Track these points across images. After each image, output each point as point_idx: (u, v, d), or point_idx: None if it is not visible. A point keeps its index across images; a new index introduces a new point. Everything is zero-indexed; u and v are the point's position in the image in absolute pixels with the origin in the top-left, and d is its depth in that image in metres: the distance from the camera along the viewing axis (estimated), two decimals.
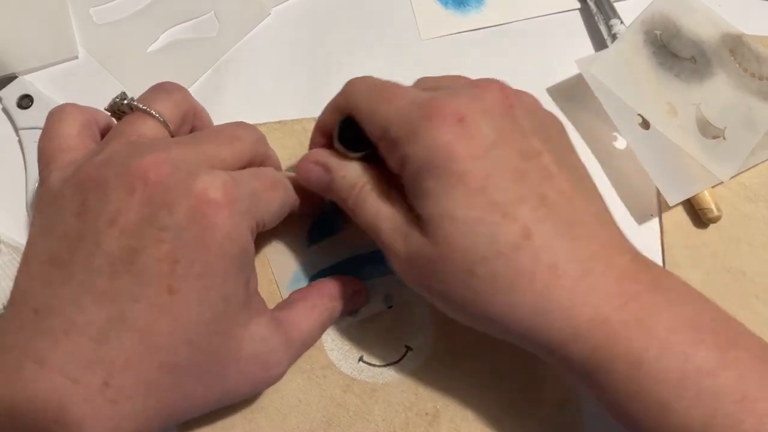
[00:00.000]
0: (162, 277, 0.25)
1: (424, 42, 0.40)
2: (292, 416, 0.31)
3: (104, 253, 0.25)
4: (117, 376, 0.24)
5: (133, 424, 0.25)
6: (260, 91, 0.39)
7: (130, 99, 0.29)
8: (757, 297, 0.34)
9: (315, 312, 0.31)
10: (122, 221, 0.25)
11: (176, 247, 0.25)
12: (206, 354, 0.26)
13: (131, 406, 0.25)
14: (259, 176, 0.29)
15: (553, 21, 0.41)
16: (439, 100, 0.26)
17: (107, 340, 0.24)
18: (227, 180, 0.26)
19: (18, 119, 0.37)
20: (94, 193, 0.26)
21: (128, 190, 0.25)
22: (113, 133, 0.28)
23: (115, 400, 0.24)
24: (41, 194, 0.28)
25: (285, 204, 0.30)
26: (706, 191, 0.35)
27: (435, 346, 0.33)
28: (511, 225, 0.25)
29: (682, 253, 0.35)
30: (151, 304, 0.25)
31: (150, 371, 0.25)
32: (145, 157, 0.26)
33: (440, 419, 0.31)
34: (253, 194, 0.27)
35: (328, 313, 0.31)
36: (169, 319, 0.25)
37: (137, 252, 0.25)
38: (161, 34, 0.40)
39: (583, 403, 0.32)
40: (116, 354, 0.24)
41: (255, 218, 0.27)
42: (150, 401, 0.25)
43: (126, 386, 0.24)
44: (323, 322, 0.31)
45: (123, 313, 0.25)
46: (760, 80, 0.38)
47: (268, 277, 0.34)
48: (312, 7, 0.41)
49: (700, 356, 0.24)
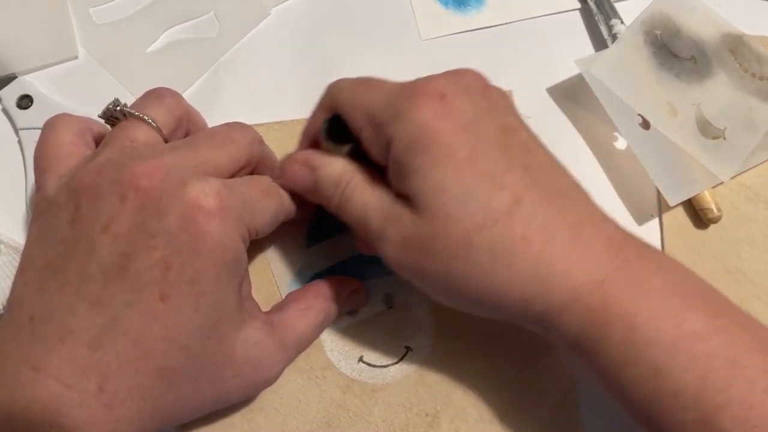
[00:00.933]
0: (154, 284, 0.25)
1: (424, 42, 0.40)
2: (291, 417, 0.31)
3: (98, 260, 0.25)
4: (112, 381, 0.24)
5: (128, 429, 0.25)
6: (260, 91, 0.39)
7: (123, 105, 0.29)
8: (757, 297, 0.34)
9: (310, 313, 0.31)
10: (115, 228, 0.25)
11: (168, 254, 0.25)
12: (200, 358, 0.26)
13: (126, 411, 0.25)
14: (253, 184, 0.29)
15: (553, 21, 0.41)
16: (421, 81, 0.27)
17: (101, 346, 0.24)
18: (220, 187, 0.26)
19: (18, 119, 0.37)
20: (87, 200, 0.26)
21: (121, 196, 0.25)
22: (107, 139, 0.29)
23: (110, 405, 0.24)
24: (37, 202, 0.28)
25: (279, 212, 0.30)
26: (706, 191, 0.35)
27: (435, 346, 0.33)
28: (503, 191, 0.26)
29: (683, 254, 0.35)
30: (143, 310, 0.25)
31: (144, 376, 0.25)
32: (138, 164, 0.26)
33: (440, 420, 0.31)
34: (245, 202, 0.27)
35: (323, 314, 0.31)
36: (162, 324, 0.25)
37: (130, 258, 0.25)
38: (161, 34, 0.40)
39: (583, 403, 0.32)
40: (110, 359, 0.24)
41: (247, 226, 0.27)
42: (145, 406, 0.25)
43: (121, 391, 0.25)
44: (319, 323, 0.31)
45: (116, 320, 0.25)
46: (761, 80, 0.38)
47: (268, 278, 0.34)
48: (312, 7, 0.41)
49: (693, 320, 0.24)
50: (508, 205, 0.25)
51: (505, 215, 0.25)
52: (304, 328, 0.30)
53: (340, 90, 0.30)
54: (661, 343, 0.24)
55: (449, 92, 0.27)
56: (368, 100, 0.28)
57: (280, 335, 0.29)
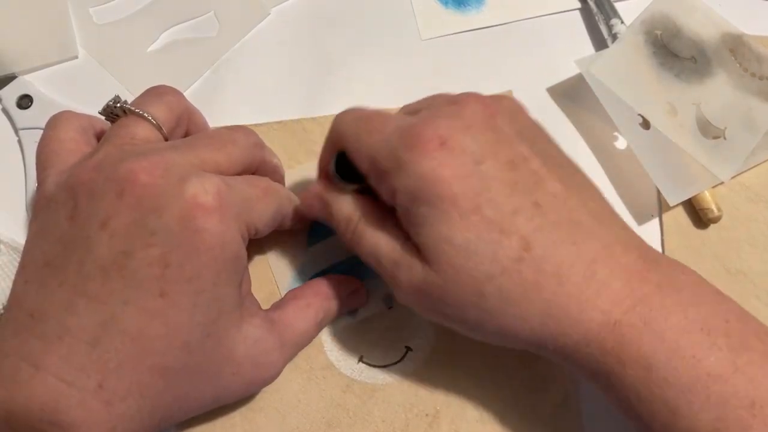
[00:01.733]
0: (153, 281, 0.25)
1: (424, 42, 0.40)
2: (291, 417, 0.31)
3: (96, 257, 0.25)
4: (111, 378, 0.24)
5: (128, 426, 0.25)
6: (260, 91, 0.39)
7: (123, 102, 0.29)
8: (757, 297, 0.34)
9: (310, 311, 0.31)
10: (113, 225, 0.25)
11: (167, 252, 0.25)
12: (199, 356, 0.26)
13: (126, 408, 0.25)
14: (253, 183, 0.29)
15: (553, 21, 0.41)
16: (419, 126, 0.26)
17: (100, 344, 0.24)
18: (219, 184, 0.26)
19: (18, 119, 0.37)
20: (85, 197, 0.26)
21: (118, 193, 0.25)
22: (107, 136, 0.29)
23: (109, 402, 0.24)
24: (37, 199, 0.28)
25: (278, 212, 0.30)
26: (706, 191, 0.35)
27: (435, 346, 0.33)
28: (510, 239, 0.25)
29: (683, 254, 0.35)
30: (142, 307, 0.25)
31: (144, 374, 0.25)
32: (137, 161, 0.26)
33: (440, 420, 0.31)
34: (245, 200, 0.27)
35: (323, 312, 0.31)
36: (161, 322, 0.25)
37: (128, 256, 0.25)
38: (161, 34, 0.40)
39: (583, 403, 0.32)
40: (109, 357, 0.24)
41: (246, 224, 0.27)
42: (144, 404, 0.25)
43: (120, 389, 0.25)
44: (319, 321, 0.31)
45: (115, 317, 0.25)
46: (761, 80, 0.38)
47: (268, 277, 0.34)
48: (312, 7, 0.41)
49: (711, 360, 0.24)
50: (516, 251, 0.25)
51: (513, 262, 0.25)
52: (303, 326, 0.30)
53: (345, 128, 0.29)
54: (677, 385, 0.24)
55: (450, 136, 0.26)
56: (370, 144, 0.27)
57: (279, 333, 0.29)
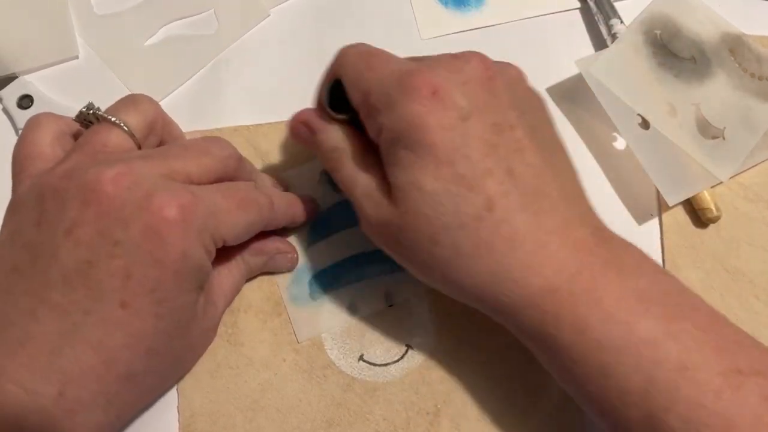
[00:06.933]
0: (114, 292, 0.25)
1: (424, 42, 0.40)
2: (292, 416, 0.31)
3: (60, 265, 0.25)
4: (72, 387, 0.24)
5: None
6: (260, 91, 0.39)
7: (96, 109, 0.29)
8: (756, 297, 0.34)
9: (234, 269, 0.32)
10: (78, 233, 0.25)
11: (129, 263, 0.25)
12: (165, 356, 0.27)
13: (90, 417, 0.25)
14: (228, 194, 0.28)
15: (553, 21, 0.41)
16: (417, 73, 0.27)
17: (62, 353, 0.25)
18: (185, 197, 0.26)
19: (18, 119, 0.37)
20: (53, 204, 0.26)
21: (84, 202, 0.25)
22: (79, 143, 0.28)
23: (71, 410, 0.25)
24: (10, 203, 0.28)
25: (254, 223, 0.30)
26: (705, 191, 0.35)
27: (436, 344, 0.33)
28: (476, 197, 0.26)
29: (682, 253, 0.35)
30: (103, 318, 0.25)
31: (109, 383, 0.25)
32: (104, 170, 0.25)
33: (441, 418, 0.31)
34: (212, 213, 0.27)
35: (246, 267, 0.32)
36: (124, 332, 0.25)
37: (91, 265, 0.25)
38: (160, 27, 0.40)
39: None
40: (70, 366, 0.25)
41: (213, 236, 0.27)
42: (110, 410, 0.26)
43: (83, 397, 0.25)
44: (243, 275, 0.32)
45: (77, 326, 0.25)
46: (760, 80, 0.38)
47: (268, 277, 0.34)
48: (312, 7, 0.41)
49: (643, 325, 0.25)
50: (478, 210, 0.26)
51: (473, 219, 0.26)
52: (230, 282, 0.31)
53: (347, 59, 0.29)
54: (609, 348, 0.25)
55: (443, 87, 0.26)
56: (367, 79, 0.28)
57: (213, 298, 0.30)
